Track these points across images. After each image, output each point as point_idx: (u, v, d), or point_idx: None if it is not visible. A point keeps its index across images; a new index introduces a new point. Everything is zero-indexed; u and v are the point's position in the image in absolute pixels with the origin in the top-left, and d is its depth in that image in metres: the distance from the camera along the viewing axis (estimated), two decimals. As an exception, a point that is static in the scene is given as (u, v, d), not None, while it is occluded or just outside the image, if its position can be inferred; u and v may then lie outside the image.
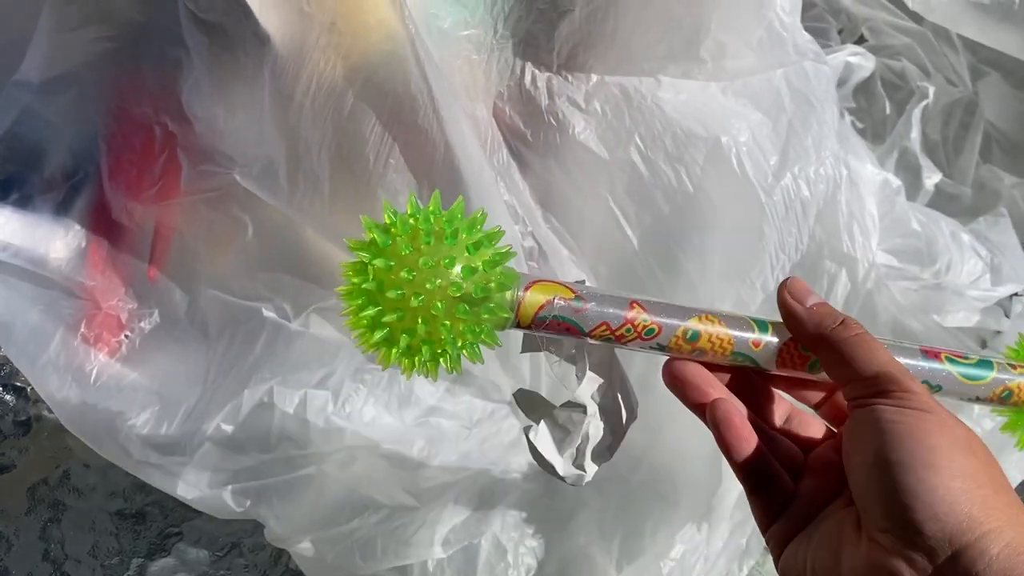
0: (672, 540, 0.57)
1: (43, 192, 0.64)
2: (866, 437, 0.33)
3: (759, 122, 0.59)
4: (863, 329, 0.36)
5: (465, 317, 0.35)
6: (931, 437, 0.31)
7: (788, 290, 0.38)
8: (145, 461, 0.55)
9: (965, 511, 0.29)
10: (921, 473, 0.30)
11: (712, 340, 0.37)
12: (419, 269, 0.34)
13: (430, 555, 0.60)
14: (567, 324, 0.37)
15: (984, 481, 0.30)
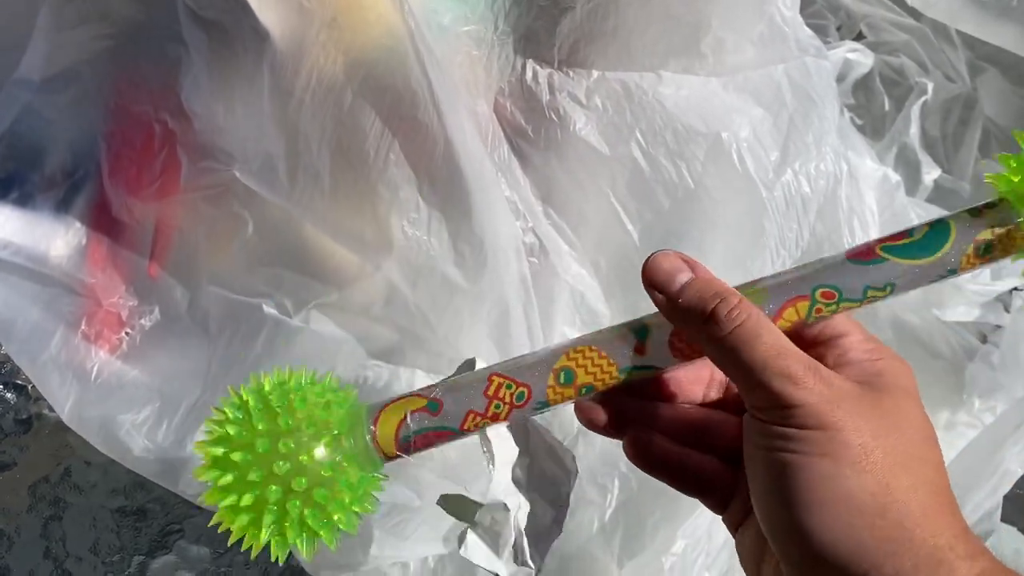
0: (674, 535, 0.57)
1: (43, 190, 0.64)
2: (755, 462, 0.30)
3: (760, 118, 0.59)
4: (743, 316, 0.30)
5: (325, 500, 0.31)
6: (814, 465, 0.27)
7: (647, 277, 0.32)
8: (146, 457, 0.55)
9: (847, 550, 0.27)
10: (803, 514, 0.27)
11: (590, 371, 0.33)
12: (268, 464, 0.31)
13: (431, 551, 0.60)
14: (435, 432, 0.34)
15: (871, 505, 0.27)
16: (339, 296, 0.58)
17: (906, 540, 0.27)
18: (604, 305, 0.65)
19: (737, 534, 0.34)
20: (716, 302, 0.30)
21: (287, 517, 0.31)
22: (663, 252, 0.32)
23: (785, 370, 0.29)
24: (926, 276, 0.32)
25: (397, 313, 0.59)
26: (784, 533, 0.28)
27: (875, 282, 0.32)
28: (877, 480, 0.27)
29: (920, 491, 0.27)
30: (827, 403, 0.28)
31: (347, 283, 0.59)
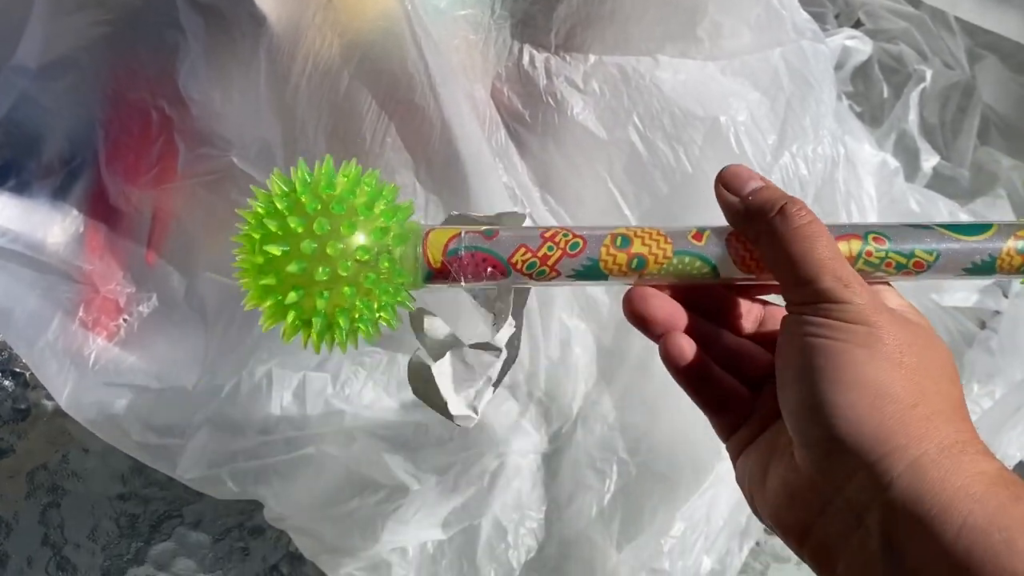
0: (672, 518, 0.57)
1: (41, 178, 0.64)
2: (789, 348, 0.31)
3: (757, 101, 0.59)
4: (810, 218, 0.32)
5: (373, 284, 0.33)
6: (849, 350, 0.29)
7: (722, 180, 0.34)
8: (144, 443, 0.55)
9: (869, 430, 0.28)
10: (830, 391, 0.29)
11: (647, 243, 0.34)
12: (318, 239, 0.32)
13: (430, 536, 0.60)
14: (483, 254, 0.34)
15: (900, 395, 0.28)
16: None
17: (933, 430, 0.28)
18: (602, 294, 0.65)
19: (739, 460, 0.34)
20: (787, 200, 0.32)
21: (336, 307, 0.32)
22: (737, 164, 0.35)
23: (839, 272, 0.31)
24: (968, 256, 0.34)
25: (395, 298, 0.59)
26: (809, 411, 0.29)
27: (924, 246, 0.34)
28: (909, 379, 0.29)
29: (946, 399, 0.29)
30: (872, 308, 0.30)
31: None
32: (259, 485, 0.55)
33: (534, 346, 0.64)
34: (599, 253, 0.34)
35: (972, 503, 0.26)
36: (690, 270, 0.34)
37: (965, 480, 0.26)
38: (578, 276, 0.34)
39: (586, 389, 0.65)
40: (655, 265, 0.34)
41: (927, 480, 0.27)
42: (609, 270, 0.34)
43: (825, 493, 0.29)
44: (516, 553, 0.60)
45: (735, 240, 0.34)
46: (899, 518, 0.27)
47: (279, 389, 0.57)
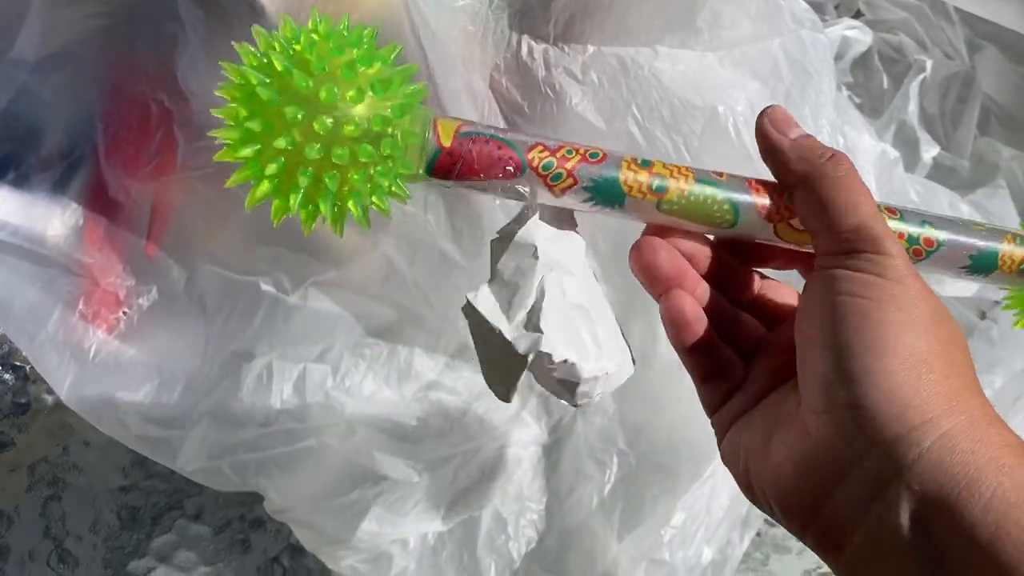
0: (673, 508, 0.57)
1: (40, 171, 0.64)
2: (817, 306, 0.30)
3: (756, 91, 0.59)
4: (854, 170, 0.32)
5: (369, 159, 0.29)
6: (885, 313, 0.28)
7: (769, 118, 0.34)
8: (144, 435, 0.55)
9: (903, 398, 0.27)
10: (862, 356, 0.27)
11: (668, 166, 0.32)
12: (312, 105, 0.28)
13: (430, 528, 0.60)
14: (498, 143, 0.31)
15: (936, 364, 0.27)
16: (337, 273, 0.58)
17: (963, 402, 0.27)
18: (602, 284, 0.64)
19: (729, 434, 0.33)
20: (834, 151, 0.32)
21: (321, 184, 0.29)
22: (779, 107, 0.34)
23: (883, 224, 0.30)
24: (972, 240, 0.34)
25: (395, 290, 0.59)
26: (839, 375, 0.28)
27: (933, 223, 0.34)
28: (943, 348, 0.28)
29: (970, 371, 0.29)
30: (908, 267, 0.29)
31: (345, 260, 0.59)
32: (260, 477, 0.55)
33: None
34: (620, 167, 0.32)
35: (1001, 475, 0.25)
36: (711, 207, 0.32)
37: (994, 452, 0.26)
38: (595, 190, 0.32)
39: (586, 380, 0.65)
40: (676, 191, 0.32)
41: (957, 452, 0.26)
42: (628, 187, 0.32)
43: (842, 463, 0.27)
44: (517, 544, 0.61)
45: (756, 185, 0.33)
46: (927, 490, 0.26)
47: (279, 381, 0.57)
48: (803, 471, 0.28)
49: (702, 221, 0.33)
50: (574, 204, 0.33)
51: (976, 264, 0.34)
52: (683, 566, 0.56)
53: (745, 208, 0.33)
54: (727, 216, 0.33)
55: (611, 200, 0.32)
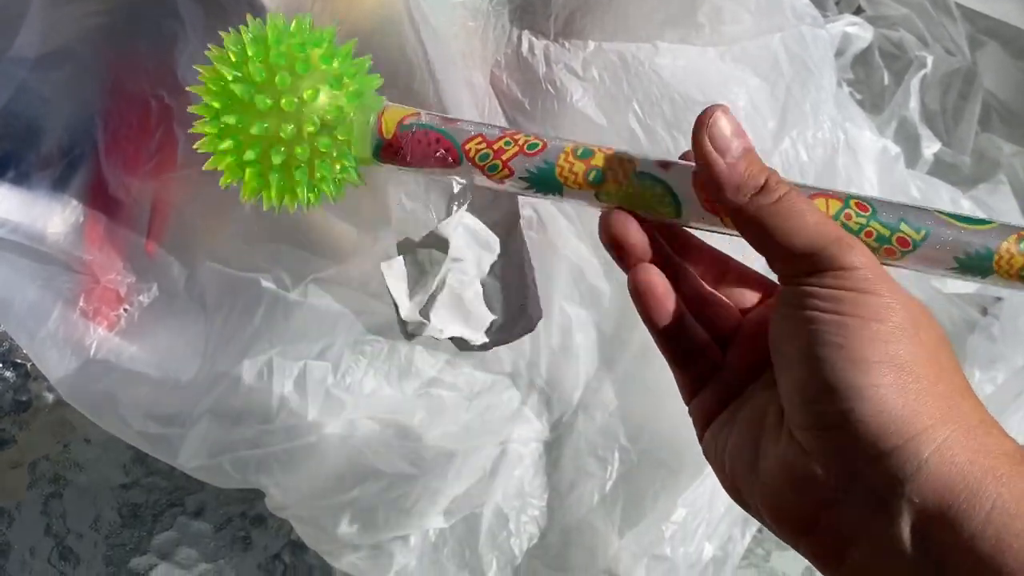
0: (674, 504, 0.57)
1: (40, 169, 0.64)
2: (791, 320, 0.28)
3: (757, 87, 0.59)
4: (787, 187, 0.30)
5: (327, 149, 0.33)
6: (866, 326, 0.27)
7: (708, 132, 0.30)
8: (145, 432, 0.55)
9: (895, 410, 0.26)
10: (845, 371, 0.26)
11: (608, 158, 0.32)
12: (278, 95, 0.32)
13: (432, 524, 0.60)
14: (437, 134, 0.33)
15: (923, 372, 0.26)
16: (337, 270, 0.58)
17: (956, 408, 0.26)
18: (603, 281, 0.64)
19: (709, 431, 0.32)
20: (768, 173, 0.30)
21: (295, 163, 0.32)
22: (724, 109, 0.31)
23: (836, 233, 0.28)
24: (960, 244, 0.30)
25: (395, 287, 0.59)
26: (823, 394, 0.27)
27: (911, 220, 0.30)
28: (928, 353, 0.27)
29: (959, 373, 0.28)
30: (875, 272, 0.28)
31: (345, 257, 0.59)
32: (260, 474, 0.55)
33: (535, 335, 0.64)
34: (557, 158, 0.32)
35: (1000, 486, 0.25)
36: (651, 199, 0.32)
37: (992, 461, 0.25)
38: (532, 180, 0.32)
39: (587, 377, 0.65)
40: (614, 183, 0.32)
41: (955, 463, 0.25)
42: (564, 178, 0.32)
43: (842, 479, 0.27)
44: (518, 541, 0.61)
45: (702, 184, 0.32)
46: (928, 502, 0.25)
47: (280, 378, 0.57)
48: (799, 486, 0.28)
49: (643, 209, 0.32)
50: (515, 191, 0.33)
51: (964, 266, 0.31)
52: (684, 562, 0.56)
53: (687, 201, 0.32)
54: (668, 208, 0.32)
55: (550, 189, 0.33)
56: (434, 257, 0.36)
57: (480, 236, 0.36)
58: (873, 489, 0.26)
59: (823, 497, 0.27)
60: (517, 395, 0.65)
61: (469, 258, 0.36)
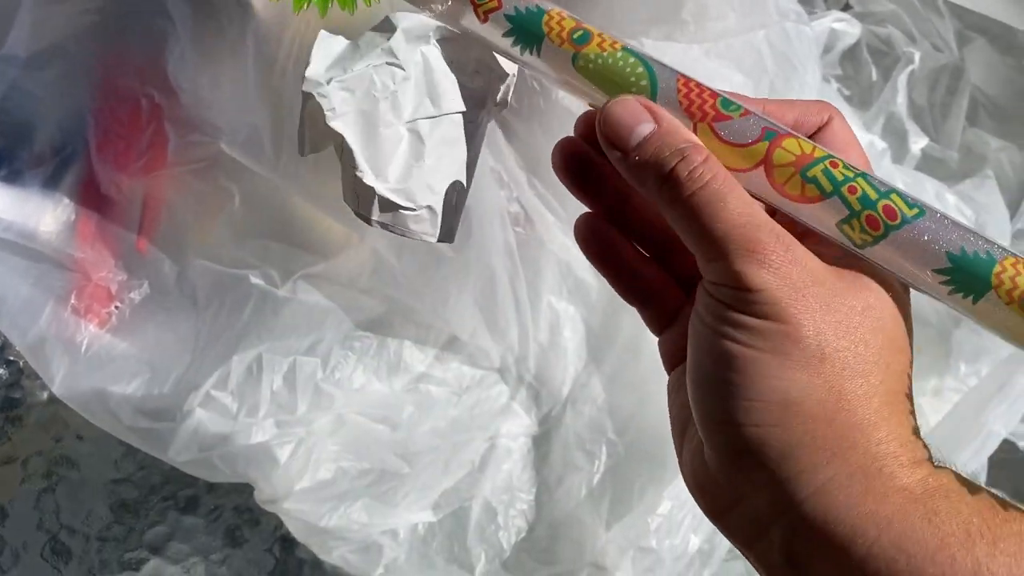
0: (660, 497, 0.58)
1: (32, 167, 0.65)
2: (700, 342, 0.27)
3: (741, 84, 0.59)
4: (709, 175, 0.26)
5: None
6: (763, 362, 0.25)
7: (602, 131, 0.28)
8: (136, 427, 0.56)
9: (777, 452, 0.25)
10: (737, 408, 0.25)
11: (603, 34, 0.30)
12: None
13: (421, 518, 0.60)
14: None
15: (815, 411, 0.25)
16: (326, 266, 0.59)
17: (847, 448, 0.25)
18: (591, 275, 0.65)
19: (673, 373, 0.32)
20: (677, 160, 0.26)
21: None
22: (621, 99, 0.28)
23: (751, 242, 0.25)
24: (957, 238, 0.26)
25: (384, 283, 0.60)
26: (714, 423, 0.26)
27: (906, 195, 0.27)
28: (829, 386, 0.25)
29: (874, 399, 0.26)
30: (790, 291, 0.25)
31: (334, 253, 0.59)
32: (250, 468, 0.56)
33: (523, 330, 0.64)
34: (551, 9, 0.31)
35: (879, 529, 0.24)
36: (629, 75, 0.29)
37: (875, 505, 0.24)
38: (516, 22, 0.31)
39: (576, 372, 0.66)
40: (597, 47, 0.30)
41: (834, 507, 0.24)
42: (549, 28, 0.30)
43: (732, 496, 0.27)
44: (506, 534, 0.61)
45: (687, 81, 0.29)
46: (803, 540, 0.25)
47: (269, 373, 0.58)
48: (701, 491, 0.28)
49: (619, 85, 0.30)
50: (494, 37, 0.32)
51: (958, 268, 0.26)
52: (670, 554, 0.57)
53: (666, 93, 0.29)
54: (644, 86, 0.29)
55: (530, 40, 0.31)
56: (372, 41, 0.33)
57: (434, 75, 0.34)
58: (755, 513, 0.26)
59: (719, 506, 0.27)
60: (506, 390, 0.65)
61: (410, 77, 0.34)
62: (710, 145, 0.28)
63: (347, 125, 0.33)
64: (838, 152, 0.29)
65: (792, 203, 0.27)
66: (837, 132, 0.30)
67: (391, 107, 0.33)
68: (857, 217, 0.26)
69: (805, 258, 0.26)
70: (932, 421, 0.68)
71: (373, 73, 0.34)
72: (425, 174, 0.35)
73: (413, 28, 0.33)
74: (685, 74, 0.30)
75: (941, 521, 0.24)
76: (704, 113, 0.28)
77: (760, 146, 0.28)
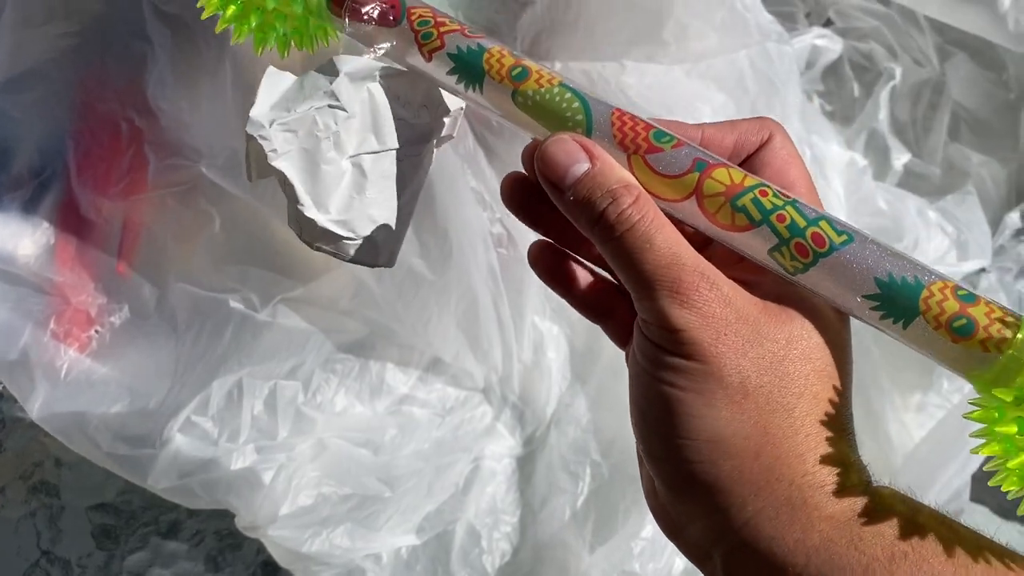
0: (643, 520, 0.57)
1: (11, 190, 0.64)
2: (636, 380, 0.28)
3: (723, 104, 0.59)
4: (638, 216, 0.27)
5: None
6: (690, 402, 0.26)
7: (540, 170, 0.28)
8: (114, 453, 0.55)
9: (707, 487, 0.26)
10: (668, 447, 0.26)
11: (542, 69, 0.31)
12: None
13: (404, 542, 0.60)
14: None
15: (742, 446, 0.26)
16: (305, 290, 0.59)
17: (773, 481, 0.26)
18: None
19: None
20: (607, 202, 0.27)
21: None
22: (558, 137, 0.28)
23: (674, 283, 0.26)
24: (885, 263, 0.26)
25: (364, 306, 0.60)
26: (653, 459, 0.28)
27: (834, 222, 0.27)
28: (754, 423, 0.26)
29: (801, 432, 0.26)
30: (711, 331, 0.26)
31: (313, 277, 0.59)
32: (230, 495, 0.55)
33: (507, 350, 0.64)
34: (491, 47, 0.31)
35: (807, 557, 0.25)
36: (565, 109, 0.30)
37: (802, 533, 0.25)
38: (458, 61, 0.32)
39: (560, 391, 0.65)
40: (535, 83, 0.30)
41: (763, 538, 0.26)
42: (489, 65, 0.31)
43: (679, 522, 0.28)
44: (490, 558, 0.61)
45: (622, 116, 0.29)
46: (740, 564, 0.26)
47: (250, 398, 0.57)
48: (657, 509, 0.29)
49: (556, 121, 0.30)
50: (439, 75, 0.33)
51: (886, 294, 0.26)
52: (653, 578, 0.56)
53: (600, 127, 0.29)
54: (580, 121, 0.30)
55: (472, 78, 0.32)
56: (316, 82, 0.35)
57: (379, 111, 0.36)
58: (698, 540, 0.28)
59: (670, 528, 0.29)
60: (490, 410, 0.65)
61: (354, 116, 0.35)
62: (644, 177, 0.29)
63: (289, 163, 0.35)
64: (778, 170, 0.29)
65: (724, 232, 0.28)
66: (778, 149, 0.30)
67: (333, 145, 0.35)
68: (786, 245, 0.27)
69: (731, 294, 0.27)
70: (916, 437, 0.68)
71: (316, 115, 0.35)
72: (367, 205, 0.36)
73: (357, 71, 0.35)
74: (620, 108, 0.30)
75: (866, 546, 0.25)
76: (637, 146, 0.29)
77: (691, 177, 0.28)
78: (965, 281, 0.71)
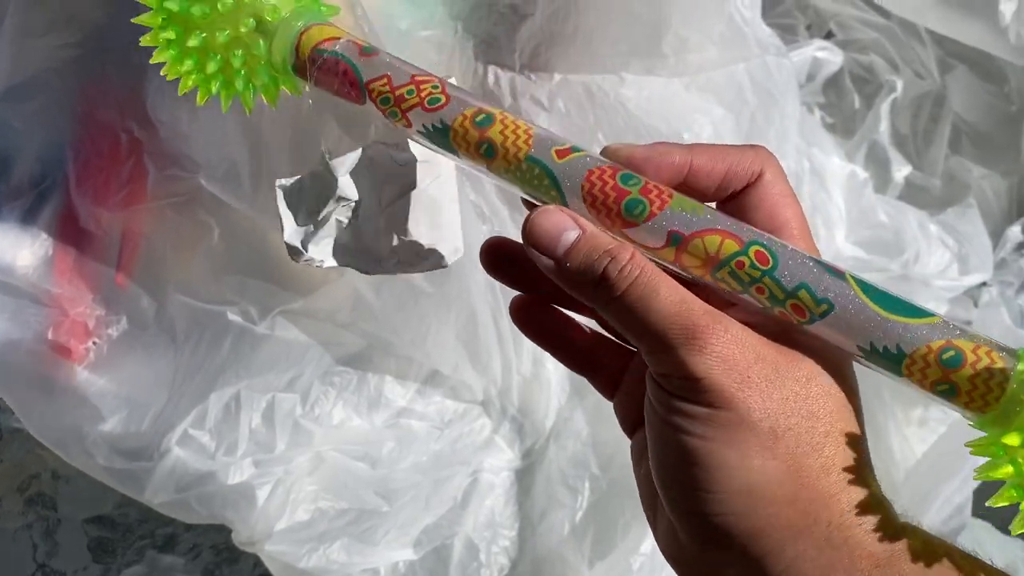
0: (643, 535, 0.57)
1: (10, 200, 0.64)
2: (654, 425, 0.27)
3: (721, 117, 0.59)
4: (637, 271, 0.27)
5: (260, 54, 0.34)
6: (720, 454, 0.25)
7: (529, 240, 0.28)
8: (111, 467, 0.55)
9: (744, 536, 0.25)
10: (702, 501, 0.26)
11: (508, 132, 0.30)
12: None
13: (402, 556, 0.60)
14: (346, 65, 0.32)
15: (777, 492, 0.25)
16: (304, 302, 0.58)
17: (811, 524, 0.25)
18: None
19: (635, 439, 0.32)
20: (607, 261, 0.27)
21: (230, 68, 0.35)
22: (544, 209, 0.28)
23: (688, 329, 0.26)
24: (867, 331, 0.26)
25: (363, 319, 0.59)
26: (680, 513, 0.27)
27: (816, 287, 0.26)
28: (787, 467, 0.25)
29: (832, 471, 0.26)
30: (735, 375, 0.25)
31: (312, 289, 0.59)
32: (227, 510, 0.55)
33: (506, 363, 0.64)
34: (453, 121, 0.30)
35: None
36: (538, 185, 0.29)
37: (844, 574, 0.25)
38: (428, 136, 0.31)
39: (559, 404, 0.65)
40: (503, 161, 0.30)
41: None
42: (458, 144, 0.30)
43: (707, 572, 0.27)
44: (489, 572, 0.60)
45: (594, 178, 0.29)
46: None
47: (248, 411, 0.57)
48: (679, 559, 0.28)
49: (529, 192, 0.30)
50: (423, 143, 0.33)
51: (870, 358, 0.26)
52: (652, 593, 0.56)
53: (571, 195, 0.29)
54: (552, 199, 0.29)
55: (445, 148, 0.31)
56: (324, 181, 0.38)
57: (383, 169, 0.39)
58: None
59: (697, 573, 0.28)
60: (489, 423, 0.65)
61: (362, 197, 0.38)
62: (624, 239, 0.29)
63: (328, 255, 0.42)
64: (769, 212, 0.29)
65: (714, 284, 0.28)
66: (769, 188, 0.29)
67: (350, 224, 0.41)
68: (770, 311, 0.27)
69: (743, 335, 0.26)
70: (918, 451, 0.68)
71: (334, 216, 0.40)
72: None
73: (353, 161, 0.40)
74: (591, 170, 0.29)
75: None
76: (612, 221, 0.29)
77: (667, 251, 0.28)
78: (967, 297, 0.71)
